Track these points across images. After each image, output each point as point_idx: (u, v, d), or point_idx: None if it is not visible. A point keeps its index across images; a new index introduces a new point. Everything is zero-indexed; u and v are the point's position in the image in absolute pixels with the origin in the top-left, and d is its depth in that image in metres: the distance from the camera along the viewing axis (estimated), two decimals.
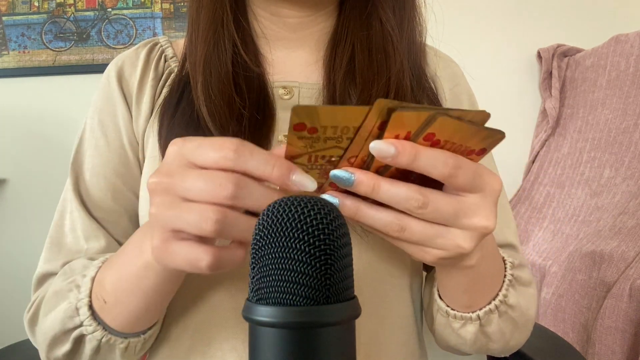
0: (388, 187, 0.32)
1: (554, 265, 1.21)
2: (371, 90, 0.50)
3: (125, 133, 0.54)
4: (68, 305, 0.43)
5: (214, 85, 0.49)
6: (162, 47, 0.58)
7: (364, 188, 0.33)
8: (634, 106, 1.33)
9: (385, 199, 0.33)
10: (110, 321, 0.42)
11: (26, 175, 1.66)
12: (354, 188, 0.33)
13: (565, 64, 1.59)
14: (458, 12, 1.61)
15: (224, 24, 0.52)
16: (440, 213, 0.33)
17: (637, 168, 1.26)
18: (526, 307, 0.49)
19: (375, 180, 0.33)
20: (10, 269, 1.63)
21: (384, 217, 0.34)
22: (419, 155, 0.31)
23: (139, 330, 0.44)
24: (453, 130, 0.31)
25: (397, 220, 0.33)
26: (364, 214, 0.34)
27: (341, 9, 0.56)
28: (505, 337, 0.48)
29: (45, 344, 0.45)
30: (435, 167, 0.31)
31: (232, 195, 0.30)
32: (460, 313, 0.46)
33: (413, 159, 0.31)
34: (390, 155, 0.31)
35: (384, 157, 0.31)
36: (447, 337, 0.50)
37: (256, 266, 0.29)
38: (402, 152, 0.31)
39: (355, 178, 0.33)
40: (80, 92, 1.64)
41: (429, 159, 0.31)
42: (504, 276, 0.47)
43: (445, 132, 0.31)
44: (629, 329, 0.98)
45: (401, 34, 0.53)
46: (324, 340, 0.27)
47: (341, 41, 0.54)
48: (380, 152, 0.31)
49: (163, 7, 1.66)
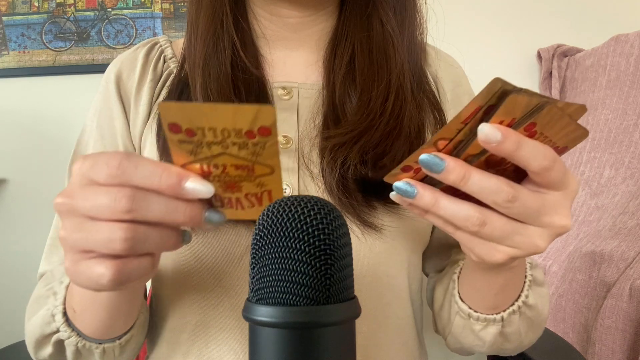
0: (480, 177, 0.31)
1: (554, 265, 1.21)
2: (371, 91, 0.50)
3: (121, 137, 0.54)
4: (46, 312, 0.44)
5: (212, 87, 0.49)
6: (161, 47, 0.58)
7: (454, 176, 0.31)
8: (634, 106, 1.33)
9: (475, 189, 0.31)
10: (82, 328, 0.43)
11: (26, 175, 1.65)
12: (443, 175, 0.31)
13: (565, 64, 1.59)
14: (458, 12, 1.61)
15: (223, 25, 0.52)
16: (526, 209, 0.31)
17: (637, 168, 1.26)
18: (542, 307, 0.49)
19: (467, 169, 0.31)
20: (10, 269, 1.63)
21: (465, 209, 0.32)
22: (522, 145, 0.30)
23: (111, 337, 0.45)
24: (554, 122, 0.30)
25: (479, 214, 0.32)
26: (444, 206, 0.33)
27: (341, 9, 0.56)
28: (521, 337, 0.48)
29: (32, 346, 0.46)
30: (536, 159, 0.30)
31: (128, 208, 0.29)
32: (484, 315, 0.46)
33: (516, 148, 0.30)
34: (496, 140, 0.29)
35: (488, 142, 0.29)
36: (463, 339, 0.50)
37: (256, 266, 0.29)
38: (507, 139, 0.29)
39: (447, 165, 0.31)
40: (80, 92, 1.63)
41: (531, 150, 0.30)
42: (525, 277, 0.47)
43: (545, 124, 0.30)
44: (629, 329, 0.98)
45: (402, 35, 0.53)
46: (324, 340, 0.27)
47: (341, 41, 0.54)
48: (487, 136, 0.29)
49: (163, 7, 1.66)
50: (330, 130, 0.49)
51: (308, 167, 0.49)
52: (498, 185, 0.31)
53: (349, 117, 0.50)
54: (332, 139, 0.48)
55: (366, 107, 0.50)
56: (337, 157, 0.47)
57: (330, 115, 0.51)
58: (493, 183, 0.31)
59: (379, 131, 0.48)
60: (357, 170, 0.47)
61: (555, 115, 0.30)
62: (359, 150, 0.47)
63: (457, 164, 0.31)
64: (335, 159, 0.47)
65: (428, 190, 0.33)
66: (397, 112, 0.50)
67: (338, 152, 0.47)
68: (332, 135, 0.49)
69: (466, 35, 1.59)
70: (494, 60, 1.64)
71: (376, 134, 0.48)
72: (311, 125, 0.51)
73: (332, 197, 0.47)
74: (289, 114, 0.52)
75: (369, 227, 0.47)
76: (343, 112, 0.51)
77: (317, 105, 0.52)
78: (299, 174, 0.49)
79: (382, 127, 0.48)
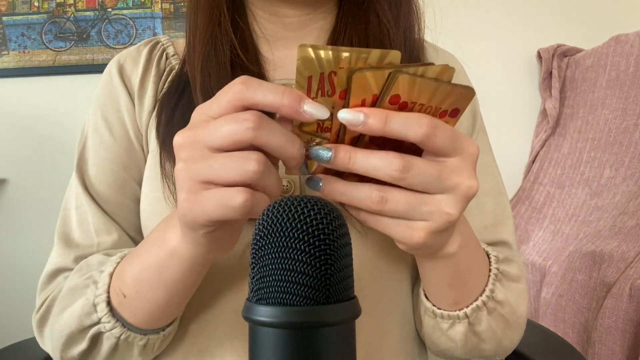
0: (364, 155, 0.31)
1: (554, 265, 1.21)
2: None
3: (131, 125, 0.54)
4: (85, 302, 0.42)
5: (213, 87, 0.49)
6: (163, 46, 0.58)
7: (340, 161, 0.32)
8: (634, 106, 1.33)
9: (363, 168, 0.31)
10: (129, 317, 0.42)
11: (26, 175, 1.65)
12: (332, 163, 0.32)
13: (565, 64, 1.59)
14: (458, 12, 1.61)
15: (221, 26, 0.52)
16: (424, 176, 0.31)
17: (637, 168, 1.26)
18: (516, 304, 0.48)
19: (350, 150, 0.32)
20: (10, 268, 1.63)
21: (363, 190, 0.32)
22: (390, 119, 0.30)
23: (158, 327, 0.44)
24: (418, 89, 0.30)
25: (378, 191, 0.32)
26: (342, 191, 0.33)
27: (340, 6, 0.56)
28: (497, 336, 0.47)
29: (60, 343, 0.44)
30: (410, 128, 0.30)
31: (255, 126, 0.30)
32: (448, 312, 0.45)
33: (384, 123, 0.30)
34: (360, 122, 0.30)
35: (354, 125, 0.30)
36: (437, 340, 0.49)
37: (256, 266, 0.29)
38: (371, 117, 0.30)
39: (333, 152, 0.32)
40: (80, 92, 1.63)
41: (401, 122, 0.30)
42: (489, 270, 0.46)
43: (410, 93, 0.30)
44: (629, 329, 0.98)
45: (397, 27, 0.53)
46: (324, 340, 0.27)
47: (339, 38, 0.54)
48: (349, 121, 0.30)
49: (163, 7, 1.66)
50: None
51: None
52: (387, 158, 0.31)
53: None
54: None
55: None
56: None
57: None
58: (381, 157, 0.31)
59: None
60: None
61: (414, 82, 0.29)
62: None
63: (340, 147, 0.32)
64: None
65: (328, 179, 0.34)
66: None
67: None
68: None
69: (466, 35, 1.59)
70: (494, 60, 1.64)
71: None
72: None
73: None
74: None
75: None
76: None
77: None
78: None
79: None
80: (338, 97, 0.31)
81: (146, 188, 0.52)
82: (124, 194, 0.53)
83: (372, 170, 0.31)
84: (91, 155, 0.55)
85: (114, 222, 0.52)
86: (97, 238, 0.51)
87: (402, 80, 0.29)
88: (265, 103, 0.30)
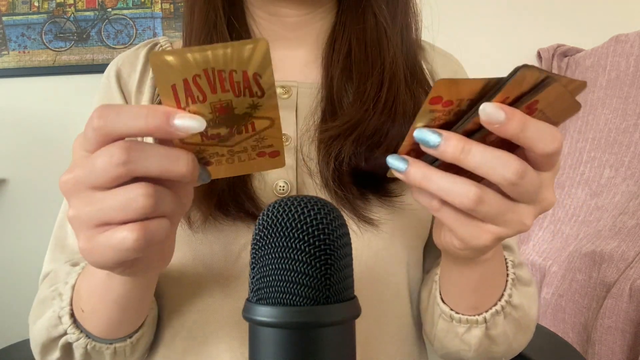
0: (482, 150, 0.28)
1: (554, 265, 1.21)
2: (366, 83, 0.50)
3: None
4: (52, 314, 0.43)
5: None
6: (162, 47, 0.58)
7: (451, 149, 0.29)
8: (634, 106, 1.33)
9: (477, 163, 0.28)
10: (91, 329, 0.42)
11: (26, 175, 1.65)
12: (441, 149, 0.29)
13: (565, 64, 1.59)
14: (458, 12, 1.61)
15: (217, 27, 0.52)
16: (531, 186, 0.29)
17: (637, 168, 1.26)
18: (528, 307, 0.48)
19: (466, 141, 0.29)
20: (10, 269, 1.63)
21: (462, 183, 0.29)
22: (527, 126, 0.28)
23: (122, 336, 0.44)
24: (555, 99, 0.28)
25: (478, 189, 0.29)
26: (436, 180, 0.30)
27: (339, 6, 0.56)
28: (509, 339, 0.47)
29: (38, 350, 0.45)
30: (541, 141, 0.28)
31: (123, 160, 0.27)
32: (466, 316, 0.45)
33: (521, 129, 0.27)
34: (498, 121, 0.27)
35: (490, 123, 0.27)
36: (448, 344, 0.49)
37: (256, 266, 0.29)
38: (512, 120, 0.27)
39: (444, 137, 0.29)
40: (80, 92, 1.63)
41: (537, 131, 0.28)
42: (507, 275, 0.46)
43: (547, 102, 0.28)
44: (629, 329, 0.98)
45: (394, 26, 0.53)
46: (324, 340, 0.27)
47: (338, 38, 0.54)
48: (489, 116, 0.27)
49: (163, 7, 1.66)
50: (327, 124, 0.49)
51: (306, 164, 0.49)
52: (506, 158, 0.28)
53: (345, 111, 0.50)
54: (328, 131, 0.48)
55: (361, 98, 0.50)
56: (332, 149, 0.47)
57: (328, 111, 0.51)
58: (500, 155, 0.28)
59: (373, 121, 0.48)
60: (351, 161, 0.47)
61: (558, 93, 0.28)
62: (353, 141, 0.47)
63: (455, 136, 0.29)
64: (330, 151, 0.47)
65: (420, 164, 0.31)
66: (391, 102, 0.50)
67: (333, 144, 0.48)
68: (328, 128, 0.49)
69: (466, 35, 1.59)
70: (494, 60, 1.64)
71: (370, 124, 0.48)
72: (310, 123, 0.51)
73: (328, 191, 0.47)
74: (288, 112, 0.52)
75: (366, 222, 0.47)
76: (340, 106, 0.51)
77: (315, 103, 0.52)
78: (297, 171, 0.49)
79: (377, 118, 0.49)
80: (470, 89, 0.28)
81: None
82: None
83: (487, 168, 0.29)
84: None
85: None
86: None
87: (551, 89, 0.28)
88: (130, 132, 0.28)
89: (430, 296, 0.50)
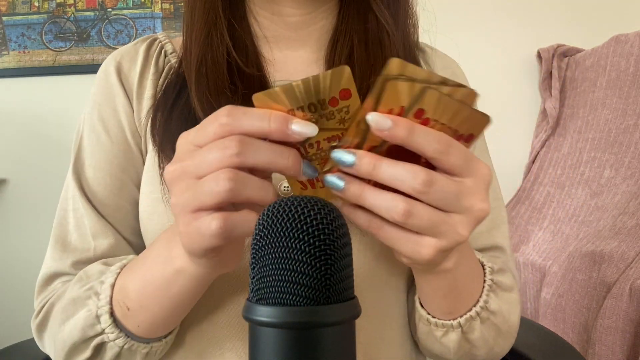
0: (390, 164, 0.31)
1: (554, 265, 1.21)
2: (368, 81, 0.51)
3: (128, 126, 0.54)
4: (88, 313, 0.43)
5: (211, 89, 0.49)
6: (161, 43, 0.57)
7: (364, 167, 0.31)
8: (634, 106, 1.33)
9: (387, 177, 0.31)
10: (133, 328, 0.42)
11: (26, 175, 1.66)
12: (355, 168, 0.32)
13: (565, 64, 1.59)
14: (458, 12, 1.61)
15: (217, 28, 0.51)
16: (444, 193, 0.31)
17: (637, 168, 1.26)
18: (508, 313, 0.48)
19: (376, 157, 0.31)
20: (10, 269, 1.63)
21: (390, 198, 0.32)
22: (413, 131, 0.30)
23: (161, 335, 0.44)
24: (442, 108, 0.31)
25: (405, 203, 0.31)
26: (369, 196, 0.32)
27: (341, 6, 0.56)
28: (489, 343, 0.48)
29: (64, 352, 0.45)
30: (430, 144, 0.31)
31: (237, 152, 0.30)
32: (442, 321, 0.46)
33: (408, 134, 0.30)
34: (387, 127, 0.30)
35: (381, 129, 0.30)
36: (430, 346, 0.50)
37: (256, 266, 0.29)
38: (398, 126, 0.30)
39: (357, 157, 0.32)
40: (80, 92, 1.63)
41: (423, 135, 0.30)
42: (484, 281, 0.46)
43: (435, 110, 0.31)
44: (629, 329, 0.98)
45: (396, 26, 0.53)
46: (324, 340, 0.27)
47: (340, 38, 0.54)
48: (377, 124, 0.30)
49: (163, 7, 1.66)
50: None
51: None
52: (411, 169, 0.31)
53: None
54: None
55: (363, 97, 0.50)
56: None
57: None
58: (406, 168, 0.31)
59: None
60: None
61: (442, 101, 0.30)
62: None
63: (366, 154, 0.32)
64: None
65: (355, 182, 0.33)
66: None
67: None
68: None
69: (466, 35, 1.59)
70: (493, 60, 1.64)
71: None
72: None
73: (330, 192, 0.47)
74: None
75: None
76: None
77: None
78: None
79: None
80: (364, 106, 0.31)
81: (146, 189, 0.51)
82: (121, 196, 0.53)
83: (396, 181, 0.31)
84: (88, 157, 0.54)
85: (110, 225, 0.52)
86: (94, 242, 0.51)
87: (430, 96, 0.30)
88: (253, 131, 0.31)
89: (413, 300, 0.50)
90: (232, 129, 0.31)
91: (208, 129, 0.32)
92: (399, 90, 0.30)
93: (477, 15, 1.65)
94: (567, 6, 1.64)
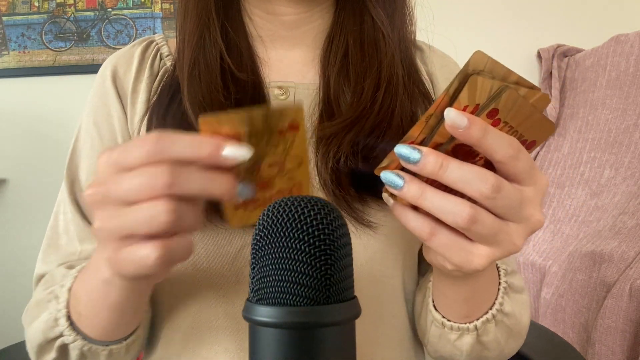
0: (458, 165, 0.30)
1: (554, 265, 1.21)
2: (364, 82, 0.50)
3: (120, 133, 0.54)
4: (48, 316, 0.43)
5: (204, 93, 0.49)
6: (157, 45, 0.57)
7: (430, 166, 0.30)
8: (634, 106, 1.33)
9: (454, 178, 0.30)
10: (88, 331, 0.43)
11: (26, 175, 1.65)
12: (419, 166, 0.30)
13: (565, 64, 1.59)
14: (458, 12, 1.61)
15: (209, 29, 0.51)
16: (509, 201, 0.30)
17: (637, 168, 1.26)
18: (520, 314, 0.48)
19: (443, 157, 0.30)
20: (10, 269, 1.63)
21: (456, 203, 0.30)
22: (487, 132, 0.29)
23: (118, 338, 0.44)
24: (516, 110, 0.30)
25: (471, 208, 0.30)
26: (431, 198, 0.31)
27: (337, 6, 0.56)
28: (501, 345, 0.48)
29: (33, 351, 0.46)
30: (502, 147, 0.29)
31: (169, 183, 0.29)
32: (457, 324, 0.45)
33: (483, 134, 0.29)
34: (462, 126, 0.29)
35: (455, 128, 0.29)
36: (441, 349, 0.49)
37: (256, 266, 0.29)
38: (473, 125, 0.29)
39: (423, 154, 0.30)
40: (80, 92, 1.63)
41: (497, 138, 0.29)
42: (499, 284, 0.46)
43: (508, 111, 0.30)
44: (629, 329, 0.98)
45: (392, 27, 0.53)
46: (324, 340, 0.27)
47: (336, 38, 0.54)
48: (453, 121, 0.29)
49: (163, 7, 1.66)
50: (325, 123, 0.49)
51: None
52: (482, 172, 0.29)
53: (343, 111, 0.50)
54: (325, 130, 0.48)
55: (358, 98, 0.50)
56: (329, 149, 0.47)
57: (326, 111, 0.51)
58: (475, 170, 0.29)
59: (370, 121, 0.48)
60: (348, 161, 0.46)
61: (517, 102, 0.29)
62: (350, 140, 0.47)
63: (432, 152, 0.30)
64: (328, 150, 0.47)
65: (416, 181, 0.32)
66: (389, 102, 0.50)
67: (331, 143, 0.47)
68: (325, 127, 0.49)
69: (466, 35, 1.59)
70: None
71: (367, 123, 0.48)
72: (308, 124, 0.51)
73: (326, 192, 0.47)
74: None
75: (363, 224, 0.47)
76: (337, 106, 0.51)
77: (313, 104, 0.52)
78: None
79: (374, 117, 0.48)
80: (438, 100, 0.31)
81: None
82: None
83: (463, 183, 0.30)
84: (81, 161, 0.54)
85: None
86: (80, 246, 0.51)
87: (507, 96, 0.29)
88: (182, 158, 0.30)
89: (424, 302, 0.50)
90: (162, 157, 0.29)
91: (134, 153, 0.30)
92: (479, 87, 0.29)
93: (477, 15, 1.65)
94: (567, 6, 1.64)
